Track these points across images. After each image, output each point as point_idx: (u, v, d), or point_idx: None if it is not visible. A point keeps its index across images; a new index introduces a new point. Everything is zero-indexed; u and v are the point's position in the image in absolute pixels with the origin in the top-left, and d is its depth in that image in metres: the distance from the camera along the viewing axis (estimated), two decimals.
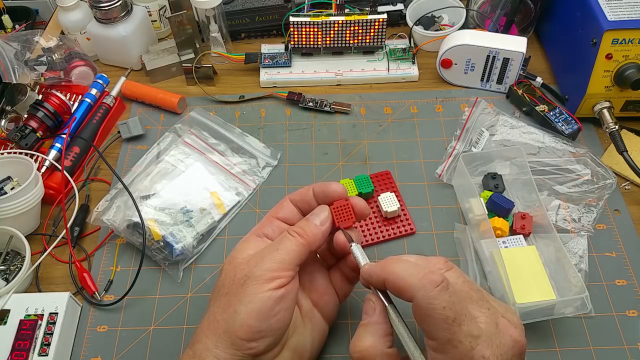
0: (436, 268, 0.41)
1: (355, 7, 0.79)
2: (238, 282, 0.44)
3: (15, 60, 0.72)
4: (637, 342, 0.53)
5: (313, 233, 0.47)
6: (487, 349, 0.38)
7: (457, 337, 0.37)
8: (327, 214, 0.48)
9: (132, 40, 0.77)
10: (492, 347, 0.38)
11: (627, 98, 0.66)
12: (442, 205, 0.64)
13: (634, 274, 0.57)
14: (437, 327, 0.38)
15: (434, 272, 0.39)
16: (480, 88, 0.75)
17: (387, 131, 0.71)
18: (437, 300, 0.38)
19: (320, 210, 0.48)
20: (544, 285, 0.54)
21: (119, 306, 0.57)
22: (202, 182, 0.64)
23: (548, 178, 0.63)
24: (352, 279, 0.52)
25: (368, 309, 0.44)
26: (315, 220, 0.47)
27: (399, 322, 0.43)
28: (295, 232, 0.46)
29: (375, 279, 0.44)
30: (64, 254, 0.61)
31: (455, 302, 0.38)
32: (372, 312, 0.44)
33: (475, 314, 0.39)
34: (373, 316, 0.43)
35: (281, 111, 0.75)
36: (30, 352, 0.50)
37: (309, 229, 0.47)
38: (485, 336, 0.38)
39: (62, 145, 0.68)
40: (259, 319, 0.42)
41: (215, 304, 0.45)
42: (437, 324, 0.38)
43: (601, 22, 0.61)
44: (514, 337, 0.40)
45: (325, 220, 0.48)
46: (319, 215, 0.48)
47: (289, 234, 0.46)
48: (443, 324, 0.37)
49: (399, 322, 0.43)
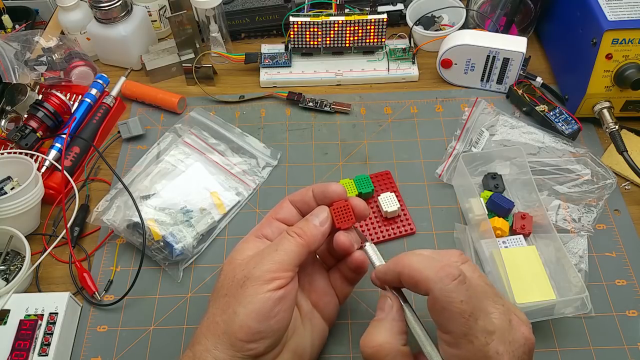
0: (452, 261, 0.41)
1: (355, 7, 0.79)
2: (237, 283, 0.44)
3: (15, 60, 0.72)
4: (637, 342, 0.53)
5: (312, 233, 0.46)
6: (501, 345, 0.38)
7: (472, 332, 0.37)
8: (326, 215, 0.48)
9: (132, 40, 0.77)
10: (506, 344, 0.38)
11: (627, 98, 0.66)
12: (442, 205, 0.64)
13: (634, 274, 0.57)
14: (453, 321, 0.37)
15: (451, 265, 0.39)
16: (480, 88, 0.75)
17: (387, 131, 0.71)
18: (455, 293, 0.37)
19: (319, 211, 0.48)
20: (544, 285, 0.54)
21: (119, 306, 0.57)
22: (202, 182, 0.64)
23: (548, 178, 0.63)
24: (352, 280, 0.51)
25: (384, 305, 0.44)
26: (314, 221, 0.47)
27: (415, 321, 0.43)
28: (295, 233, 0.46)
29: (390, 276, 0.43)
30: (64, 254, 0.61)
31: (472, 296, 0.38)
32: (389, 308, 0.43)
33: (490, 310, 0.39)
34: (390, 313, 0.43)
35: (281, 111, 0.75)
36: (30, 352, 0.50)
37: (308, 229, 0.47)
38: (499, 332, 0.38)
39: (62, 145, 0.68)
40: (259, 320, 0.42)
41: (215, 305, 0.45)
42: (453, 317, 0.37)
43: (601, 22, 0.61)
44: (525, 334, 0.40)
45: (324, 221, 0.48)
46: (318, 215, 0.48)
47: (288, 235, 0.46)
48: (460, 318, 0.37)
49: (416, 322, 0.43)
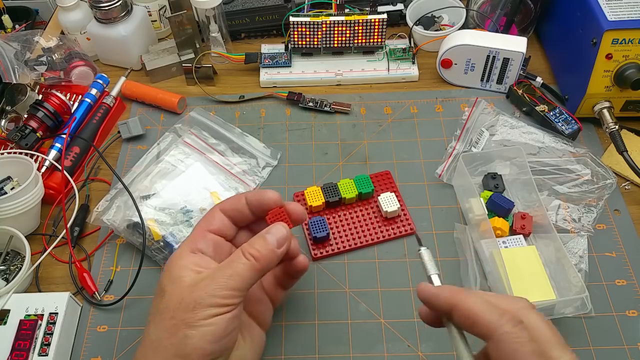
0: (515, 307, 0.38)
1: (355, 7, 0.79)
2: (186, 307, 0.41)
3: (15, 60, 0.72)
4: (637, 342, 0.53)
5: (269, 257, 0.44)
6: None
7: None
8: (285, 235, 0.45)
9: (132, 40, 0.77)
10: None
11: (627, 98, 0.66)
12: (442, 205, 0.64)
13: (634, 274, 0.57)
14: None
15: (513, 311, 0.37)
16: (480, 88, 0.75)
17: (387, 131, 0.71)
18: (522, 333, 0.36)
19: (277, 230, 0.46)
20: (544, 285, 0.54)
21: (119, 306, 0.57)
22: (202, 182, 0.64)
23: (548, 178, 0.63)
24: (287, 285, 0.51)
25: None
26: (272, 242, 0.45)
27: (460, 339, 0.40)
28: (251, 256, 0.43)
29: (442, 301, 0.40)
30: (64, 254, 0.61)
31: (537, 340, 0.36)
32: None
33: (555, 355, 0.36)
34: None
35: (281, 111, 0.75)
36: (30, 352, 0.50)
37: (266, 251, 0.44)
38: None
39: (62, 145, 0.68)
40: (213, 341, 0.41)
41: (159, 327, 0.42)
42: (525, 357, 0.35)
43: (601, 22, 0.61)
44: None
45: (282, 243, 0.45)
46: (276, 235, 0.45)
47: (244, 257, 0.43)
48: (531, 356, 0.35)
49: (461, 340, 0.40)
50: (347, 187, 0.62)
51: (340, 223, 0.62)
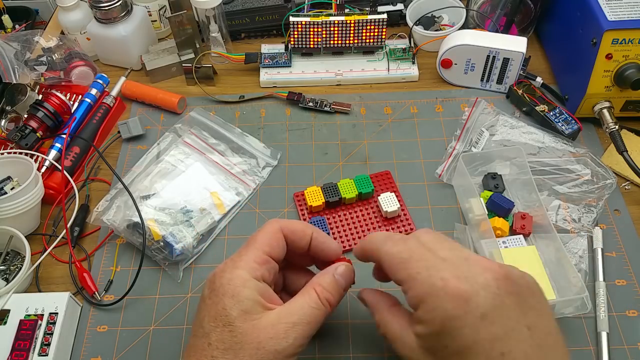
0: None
1: (355, 7, 0.79)
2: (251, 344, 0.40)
3: (15, 60, 0.72)
4: (637, 342, 0.53)
5: (337, 300, 0.44)
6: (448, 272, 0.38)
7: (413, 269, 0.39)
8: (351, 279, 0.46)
9: (132, 40, 0.78)
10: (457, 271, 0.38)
11: (627, 98, 0.66)
12: (442, 205, 0.64)
13: (634, 274, 0.57)
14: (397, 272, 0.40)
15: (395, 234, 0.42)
16: (480, 88, 0.75)
17: (387, 131, 0.71)
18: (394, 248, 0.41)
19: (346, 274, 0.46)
20: (544, 285, 0.53)
21: (119, 306, 0.57)
22: (202, 182, 0.64)
23: (548, 178, 0.63)
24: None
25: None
26: (342, 286, 0.45)
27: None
28: (327, 301, 0.43)
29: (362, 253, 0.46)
30: (64, 254, 0.61)
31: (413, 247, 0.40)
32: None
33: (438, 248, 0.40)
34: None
35: (281, 111, 0.75)
36: (30, 352, 0.50)
37: (337, 296, 0.44)
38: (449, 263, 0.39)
39: (62, 145, 0.68)
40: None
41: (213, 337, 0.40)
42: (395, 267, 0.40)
43: (601, 22, 0.61)
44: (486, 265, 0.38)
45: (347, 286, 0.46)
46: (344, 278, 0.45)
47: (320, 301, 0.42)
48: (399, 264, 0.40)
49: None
50: (347, 187, 0.62)
51: (340, 223, 0.62)
